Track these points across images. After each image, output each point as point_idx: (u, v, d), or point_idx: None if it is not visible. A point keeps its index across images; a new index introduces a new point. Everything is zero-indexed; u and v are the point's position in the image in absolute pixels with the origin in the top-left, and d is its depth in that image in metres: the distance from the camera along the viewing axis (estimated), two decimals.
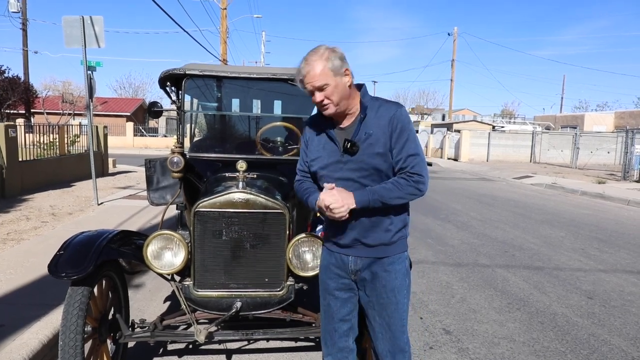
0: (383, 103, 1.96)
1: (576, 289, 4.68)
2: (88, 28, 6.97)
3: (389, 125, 1.88)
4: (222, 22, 20.69)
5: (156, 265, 2.52)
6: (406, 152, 1.88)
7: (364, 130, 1.91)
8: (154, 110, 3.49)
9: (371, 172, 1.92)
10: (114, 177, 12.07)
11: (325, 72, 1.84)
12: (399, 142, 1.88)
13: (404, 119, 1.91)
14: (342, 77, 1.88)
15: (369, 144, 1.90)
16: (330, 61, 1.85)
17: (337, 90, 1.87)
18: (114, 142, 25.51)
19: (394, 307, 1.99)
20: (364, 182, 1.92)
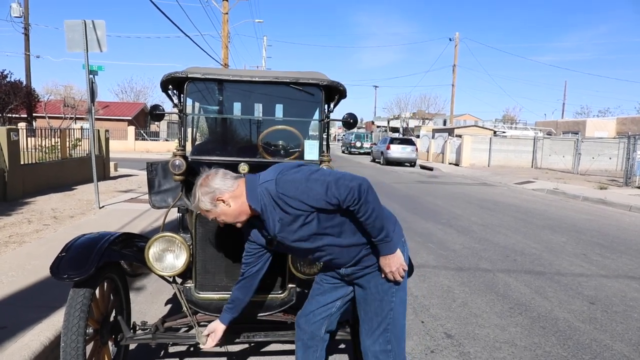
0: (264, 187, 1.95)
1: (578, 294, 4.67)
2: (90, 32, 7.00)
3: (284, 203, 1.89)
4: (223, 27, 20.79)
5: (158, 267, 2.53)
6: (322, 194, 1.86)
7: (273, 222, 1.96)
8: (155, 113, 3.49)
9: (314, 236, 1.97)
10: (116, 180, 12.09)
11: (205, 212, 2.01)
12: (308, 198, 1.87)
13: (285, 185, 1.89)
14: (219, 206, 1.98)
15: (288, 225, 1.94)
16: (202, 203, 1.99)
17: (225, 216, 2.00)
18: (116, 146, 25.55)
19: (378, 304, 2.09)
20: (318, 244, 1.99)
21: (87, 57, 7.20)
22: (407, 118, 51.61)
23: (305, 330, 2.26)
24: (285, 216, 1.92)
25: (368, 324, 2.13)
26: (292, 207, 1.88)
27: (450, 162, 26.91)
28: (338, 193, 1.85)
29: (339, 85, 3.38)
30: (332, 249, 2.02)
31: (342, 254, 2.04)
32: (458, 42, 34.20)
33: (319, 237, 1.97)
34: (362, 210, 1.86)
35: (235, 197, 1.98)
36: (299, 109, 4.02)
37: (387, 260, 2.00)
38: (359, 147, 37.43)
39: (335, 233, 1.98)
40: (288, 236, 1.97)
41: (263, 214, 1.96)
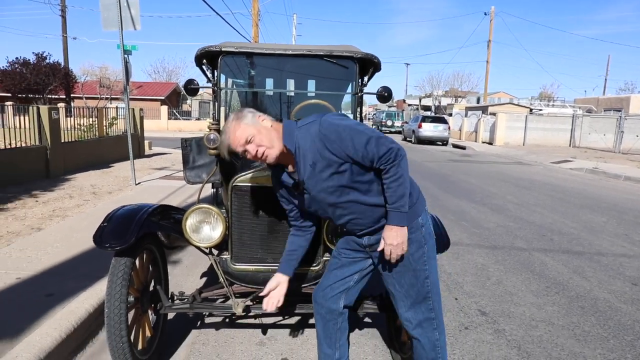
0: (306, 128, 1.90)
1: (619, 274, 4.52)
2: (124, 11, 7.09)
3: (322, 145, 1.84)
4: (253, 4, 20.67)
5: (195, 238, 2.57)
6: (361, 146, 1.82)
7: (305, 164, 1.90)
8: (190, 87, 3.52)
9: (341, 190, 1.91)
10: (150, 158, 12.39)
11: (243, 128, 1.88)
12: (346, 147, 1.83)
13: (328, 128, 1.84)
14: (260, 123, 1.91)
15: (319, 173, 1.88)
16: (242, 119, 1.90)
17: (263, 136, 1.89)
18: (149, 125, 26.12)
19: (411, 274, 2.03)
20: (342, 199, 1.94)
21: (122, 35, 7.31)
22: (439, 96, 50.47)
23: (322, 304, 2.23)
24: (319, 160, 1.86)
25: (405, 296, 2.07)
26: (329, 152, 1.84)
27: (483, 140, 26.25)
28: (377, 149, 1.83)
29: (374, 57, 3.30)
30: (357, 206, 1.96)
31: (365, 214, 1.98)
32: (493, 17, 32.90)
33: (345, 191, 1.92)
34: (392, 171, 1.84)
35: (275, 128, 1.95)
36: (332, 83, 3.97)
37: (393, 231, 1.89)
38: (390, 125, 36.99)
39: (363, 189, 1.93)
40: (315, 185, 1.92)
41: (296, 156, 1.90)
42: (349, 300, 2.25)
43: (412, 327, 2.09)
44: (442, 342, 2.11)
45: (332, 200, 1.95)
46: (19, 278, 3.53)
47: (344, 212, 2.00)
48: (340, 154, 1.84)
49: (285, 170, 2.03)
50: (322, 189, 1.92)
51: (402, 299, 2.08)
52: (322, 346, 2.29)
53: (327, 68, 3.52)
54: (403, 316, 2.11)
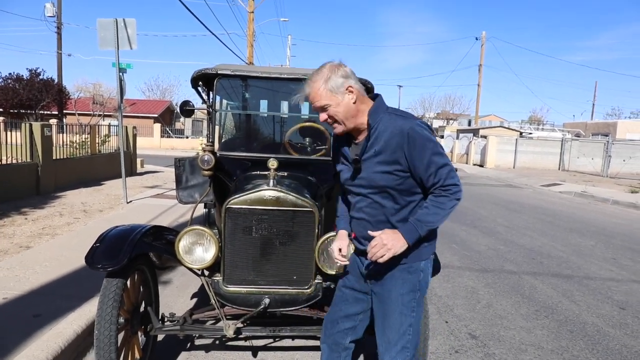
0: (396, 118, 1.84)
1: (608, 298, 4.56)
2: (121, 30, 7.17)
3: (402, 143, 1.79)
4: (248, 26, 20.98)
5: (187, 260, 2.58)
6: (435, 166, 1.79)
7: (372, 147, 1.86)
8: (186, 109, 3.56)
9: (379, 190, 1.88)
10: (142, 176, 12.35)
11: (325, 93, 1.81)
12: (421, 158, 1.79)
13: (419, 133, 1.78)
14: (345, 94, 1.82)
15: (376, 162, 1.85)
16: (330, 81, 1.80)
17: (340, 109, 1.83)
18: (142, 143, 26.06)
19: (397, 316, 1.94)
20: (374, 198, 1.91)
21: (118, 55, 7.38)
22: (431, 118, 51.08)
23: (329, 335, 2.19)
24: (385, 151, 1.82)
25: (386, 337, 1.97)
26: (403, 152, 1.79)
27: (474, 163, 26.53)
28: (446, 177, 1.81)
29: (367, 82, 3.38)
30: (377, 212, 1.91)
31: (377, 226, 1.91)
32: (485, 42, 33.65)
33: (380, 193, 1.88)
34: (441, 200, 1.81)
35: (360, 101, 1.87)
36: None
37: (395, 235, 1.79)
38: None
39: (395, 207, 1.89)
40: (367, 168, 1.88)
41: (370, 134, 1.85)
42: (356, 336, 2.18)
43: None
44: None
45: (365, 192, 1.92)
46: (6, 298, 3.49)
47: (363, 207, 1.95)
48: (410, 161, 1.81)
49: (353, 142, 1.97)
50: (369, 175, 1.88)
51: (381, 337, 1.99)
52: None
53: None
54: (381, 357, 2.01)
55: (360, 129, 1.91)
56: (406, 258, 1.89)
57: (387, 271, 1.93)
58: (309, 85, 1.84)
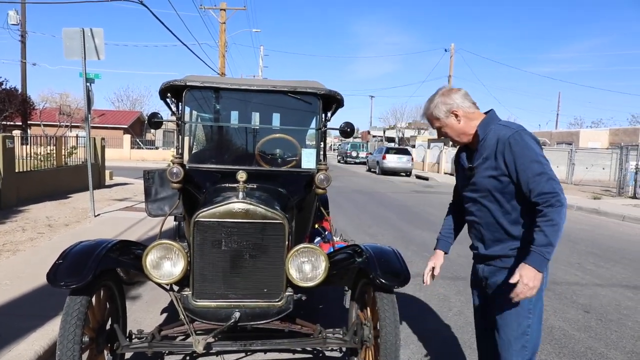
0: (499, 128, 2.02)
1: (573, 302, 4.69)
2: (88, 40, 7.03)
3: (502, 150, 1.95)
4: (220, 36, 20.92)
5: (155, 274, 2.52)
6: (532, 172, 1.89)
7: (480, 155, 2.05)
8: (154, 121, 3.50)
9: (486, 194, 2.06)
10: (111, 189, 12.05)
11: (434, 119, 2.14)
12: (519, 164, 1.91)
13: (518, 140, 1.93)
14: (450, 118, 2.10)
15: (484, 168, 2.03)
16: (437, 108, 2.10)
17: (450, 129, 2.12)
18: (111, 155, 25.47)
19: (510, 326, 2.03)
20: (482, 201, 2.09)
21: (85, 65, 7.22)
22: (402, 128, 51.83)
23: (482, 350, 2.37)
24: (491, 157, 2.00)
25: (506, 337, 2.04)
26: (503, 157, 1.96)
27: (445, 172, 27.00)
28: (544, 184, 1.87)
29: (337, 94, 3.41)
30: (487, 216, 2.07)
31: (489, 228, 2.08)
32: (453, 53, 34.49)
33: (488, 197, 2.05)
34: (550, 216, 1.84)
35: (468, 118, 2.09)
36: (297, 118, 4.05)
37: (531, 272, 1.83)
38: (354, 156, 37.51)
39: (503, 209, 2.03)
40: (478, 174, 2.07)
41: (480, 144, 2.05)
42: None
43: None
44: None
45: (475, 196, 2.11)
46: None
47: (474, 210, 2.14)
48: (509, 166, 1.95)
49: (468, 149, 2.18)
50: (478, 179, 2.07)
51: (501, 338, 2.07)
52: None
53: (292, 103, 3.60)
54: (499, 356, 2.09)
55: (473, 141, 2.12)
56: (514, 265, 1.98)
57: (503, 280, 2.03)
58: (424, 111, 2.20)
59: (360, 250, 2.69)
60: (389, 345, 2.40)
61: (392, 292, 2.52)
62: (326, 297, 4.40)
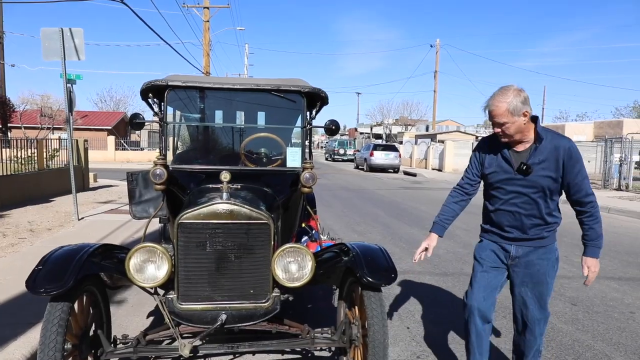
0: (555, 136, 2.40)
1: (560, 295, 4.73)
2: (67, 40, 6.89)
3: (562, 156, 2.34)
4: (204, 35, 20.73)
5: (139, 278, 2.46)
6: (581, 177, 2.37)
7: (537, 156, 2.37)
8: (136, 122, 3.44)
9: (540, 190, 2.40)
10: (95, 191, 11.87)
11: (506, 114, 2.29)
12: (573, 171, 2.35)
13: (576, 150, 2.36)
14: (520, 117, 2.30)
15: (541, 168, 2.36)
16: (513, 104, 2.28)
17: (513, 127, 2.32)
18: (95, 157, 25.13)
19: (544, 287, 2.52)
20: (533, 196, 2.42)
21: (65, 65, 7.07)
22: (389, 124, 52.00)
23: (482, 311, 2.58)
24: (549, 160, 2.36)
25: (535, 302, 2.53)
26: (562, 162, 2.34)
27: (433, 167, 27.16)
28: (588, 189, 2.40)
29: (321, 91, 3.38)
30: (532, 206, 2.44)
31: (532, 217, 2.46)
32: (439, 49, 34.69)
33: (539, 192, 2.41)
34: (595, 215, 2.44)
35: (529, 121, 2.36)
36: (281, 116, 4.01)
37: (595, 262, 2.48)
38: (342, 154, 37.54)
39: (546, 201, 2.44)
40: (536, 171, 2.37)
41: (538, 146, 2.37)
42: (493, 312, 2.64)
43: (538, 319, 2.55)
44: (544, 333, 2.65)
45: (526, 190, 2.42)
46: None
47: (519, 202, 2.45)
48: (566, 170, 2.36)
49: (513, 150, 2.45)
50: (537, 177, 2.38)
51: (532, 301, 2.54)
52: (475, 356, 2.67)
53: (276, 101, 3.56)
54: (532, 311, 2.55)
55: (522, 140, 2.41)
56: (546, 248, 2.51)
57: (537, 257, 2.50)
58: (493, 103, 2.33)
59: (347, 249, 2.66)
60: (377, 344, 2.38)
61: (379, 290, 2.50)
62: (315, 296, 4.38)
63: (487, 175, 2.56)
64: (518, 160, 2.42)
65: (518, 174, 2.40)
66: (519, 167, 2.39)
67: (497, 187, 2.52)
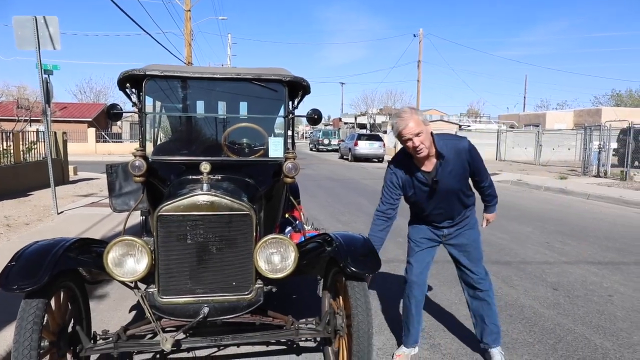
0: (452, 142, 2.70)
1: (542, 281, 4.80)
2: (42, 29, 6.67)
3: (466, 158, 2.69)
4: (185, 24, 20.37)
5: (118, 273, 2.41)
6: (482, 170, 2.83)
7: (445, 169, 2.68)
8: (113, 112, 3.35)
9: (457, 191, 2.79)
10: (75, 184, 11.64)
11: (419, 123, 2.55)
12: (477, 166, 2.76)
13: (474, 150, 2.73)
14: (428, 126, 2.61)
15: (452, 177, 2.71)
16: (419, 115, 2.59)
17: (427, 138, 2.57)
18: (75, 149, 24.64)
19: (477, 250, 3.01)
20: (453, 198, 2.81)
21: (40, 55, 6.86)
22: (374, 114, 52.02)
23: (419, 285, 2.97)
24: (457, 167, 2.69)
25: (473, 262, 2.98)
26: (468, 163, 2.70)
27: None
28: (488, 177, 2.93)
29: (302, 80, 3.33)
30: (456, 204, 2.85)
31: (456, 210, 2.89)
32: (422, 38, 34.67)
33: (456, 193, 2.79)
34: (492, 190, 2.99)
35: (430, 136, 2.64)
36: (263, 106, 3.95)
37: (492, 215, 3.16)
38: (326, 144, 37.47)
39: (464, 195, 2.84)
40: (446, 182, 2.71)
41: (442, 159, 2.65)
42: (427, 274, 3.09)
43: (482, 278, 2.98)
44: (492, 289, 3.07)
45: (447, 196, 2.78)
46: None
47: (444, 206, 2.83)
48: (472, 166, 2.73)
49: (420, 170, 2.74)
50: (451, 183, 2.73)
51: (472, 265, 2.98)
52: (414, 324, 3.03)
53: (257, 91, 3.49)
54: (475, 272, 2.97)
55: (430, 155, 2.68)
56: (470, 220, 2.99)
57: (465, 231, 2.97)
58: (404, 117, 2.56)
59: (330, 239, 2.64)
60: (361, 334, 2.37)
61: (363, 280, 2.49)
62: (301, 286, 4.36)
63: (409, 196, 2.88)
64: (429, 178, 2.72)
65: (432, 190, 2.74)
66: (432, 184, 2.72)
67: (421, 202, 2.86)
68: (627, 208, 9.87)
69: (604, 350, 3.27)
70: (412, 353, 3.12)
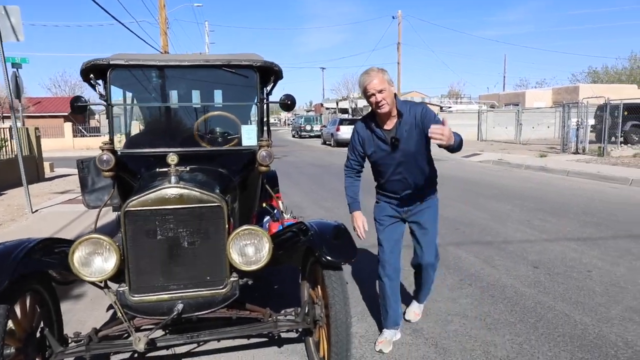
0: (412, 106, 2.82)
1: (523, 259, 4.83)
2: (3, 20, 6.38)
3: (420, 119, 2.75)
4: (160, 12, 19.84)
5: (85, 272, 2.31)
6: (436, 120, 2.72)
7: (403, 128, 2.77)
8: (77, 105, 3.21)
9: (415, 154, 2.82)
10: (51, 182, 11.35)
11: (383, 81, 2.67)
12: (430, 122, 2.65)
13: (429, 110, 2.81)
14: (392, 86, 2.73)
15: (409, 136, 2.77)
16: (384, 74, 2.71)
17: (389, 96, 2.69)
18: (51, 145, 24.04)
19: (432, 231, 3.04)
20: (412, 162, 2.84)
21: (2, 47, 6.58)
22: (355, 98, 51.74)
23: (391, 263, 2.97)
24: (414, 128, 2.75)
25: (428, 245, 3.03)
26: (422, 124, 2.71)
27: None
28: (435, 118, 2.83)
29: (274, 65, 3.23)
30: (415, 168, 2.87)
31: (416, 176, 2.90)
32: (401, 20, 34.46)
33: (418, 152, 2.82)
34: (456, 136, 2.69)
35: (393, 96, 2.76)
36: (236, 94, 3.83)
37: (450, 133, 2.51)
38: (309, 130, 37.23)
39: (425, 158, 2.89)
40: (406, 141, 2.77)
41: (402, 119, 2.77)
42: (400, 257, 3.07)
43: (431, 263, 3.07)
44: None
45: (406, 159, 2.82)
46: None
47: (403, 170, 2.86)
48: (425, 125, 2.67)
49: (383, 129, 2.83)
50: (409, 145, 2.78)
51: (425, 246, 3.03)
52: (391, 304, 3.01)
53: (229, 78, 3.38)
54: (426, 260, 3.05)
55: (391, 115, 2.80)
56: (431, 198, 3.03)
57: (423, 208, 3.00)
58: (370, 75, 2.69)
59: (306, 228, 2.58)
60: (339, 323, 2.33)
61: (339, 268, 2.44)
62: (281, 277, 4.31)
63: (369, 155, 2.93)
64: (389, 136, 2.80)
65: (392, 148, 2.79)
66: (392, 142, 2.78)
67: (380, 163, 2.90)
68: (604, 183, 10.02)
69: (583, 326, 3.29)
70: (395, 338, 3.09)
